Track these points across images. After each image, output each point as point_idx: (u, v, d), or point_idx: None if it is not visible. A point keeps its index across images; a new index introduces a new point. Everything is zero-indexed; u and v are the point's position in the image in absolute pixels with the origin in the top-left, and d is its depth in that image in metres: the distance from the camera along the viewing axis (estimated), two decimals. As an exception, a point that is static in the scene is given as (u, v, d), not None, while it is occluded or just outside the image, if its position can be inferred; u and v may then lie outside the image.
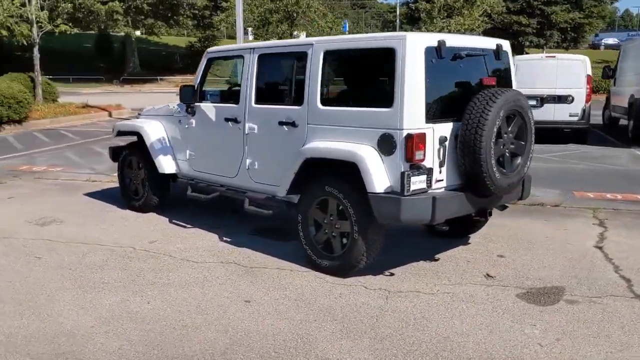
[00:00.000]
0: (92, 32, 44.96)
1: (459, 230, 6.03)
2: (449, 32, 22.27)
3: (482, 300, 4.56)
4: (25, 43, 19.05)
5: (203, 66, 6.47)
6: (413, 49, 4.59)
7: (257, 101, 5.75)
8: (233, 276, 5.07)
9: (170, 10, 41.86)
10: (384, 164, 4.68)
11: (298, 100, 5.34)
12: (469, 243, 5.99)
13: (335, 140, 4.98)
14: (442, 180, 4.84)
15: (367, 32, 43.92)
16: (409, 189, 4.50)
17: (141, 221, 6.82)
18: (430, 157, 4.68)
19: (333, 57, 5.18)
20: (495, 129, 4.68)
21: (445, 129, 4.78)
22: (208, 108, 6.31)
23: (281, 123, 5.43)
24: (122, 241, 6.03)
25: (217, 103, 6.34)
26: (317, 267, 5.15)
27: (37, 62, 18.82)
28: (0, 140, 13.99)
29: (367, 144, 4.76)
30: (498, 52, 5.32)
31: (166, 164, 6.78)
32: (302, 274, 5.11)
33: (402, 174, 4.49)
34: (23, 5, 19.22)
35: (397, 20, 52.74)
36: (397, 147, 4.59)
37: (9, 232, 6.38)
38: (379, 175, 4.65)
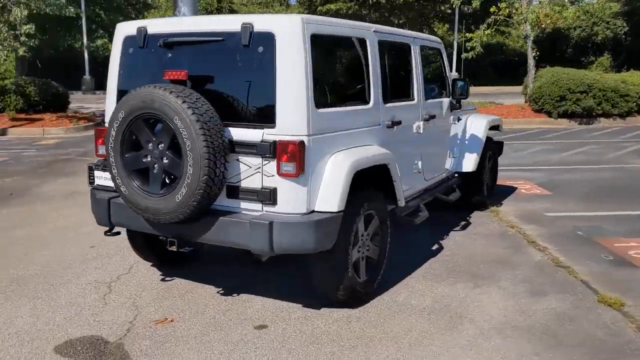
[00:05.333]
0: None
1: None
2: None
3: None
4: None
5: None
6: (116, 38, 4.46)
7: None
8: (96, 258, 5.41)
9: None
10: None
11: None
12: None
13: None
14: None
15: None
16: (93, 183, 4.55)
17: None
18: None
19: None
20: (114, 132, 3.99)
21: None
22: None
23: None
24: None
25: None
26: None
27: None
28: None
29: None
30: (242, 36, 3.85)
31: None
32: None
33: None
34: None
35: None
36: None
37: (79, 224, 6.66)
38: None
